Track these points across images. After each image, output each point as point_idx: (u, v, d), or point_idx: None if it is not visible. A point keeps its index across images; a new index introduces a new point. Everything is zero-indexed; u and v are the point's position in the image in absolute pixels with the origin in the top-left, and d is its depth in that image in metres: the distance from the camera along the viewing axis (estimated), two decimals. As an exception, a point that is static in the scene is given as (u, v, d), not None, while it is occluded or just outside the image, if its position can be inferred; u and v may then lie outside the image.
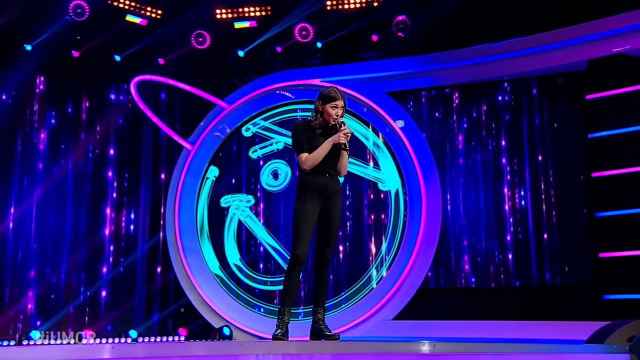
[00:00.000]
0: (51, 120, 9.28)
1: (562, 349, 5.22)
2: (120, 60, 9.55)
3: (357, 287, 8.87)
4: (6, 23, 8.78)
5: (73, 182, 9.14)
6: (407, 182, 8.86)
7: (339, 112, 4.89)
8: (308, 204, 4.82)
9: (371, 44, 9.21)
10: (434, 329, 8.32)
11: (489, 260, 8.54)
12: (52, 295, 8.80)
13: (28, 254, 8.75)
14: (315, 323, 4.83)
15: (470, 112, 8.89)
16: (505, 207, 8.55)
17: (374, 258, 8.89)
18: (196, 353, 3.86)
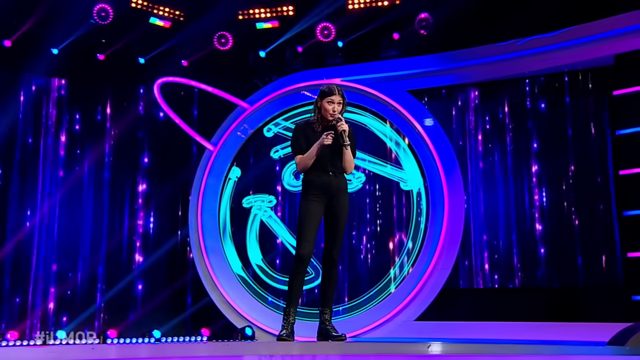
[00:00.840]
0: (76, 122, 9.38)
1: (570, 350, 5.07)
2: (144, 63, 9.63)
3: (379, 288, 8.79)
4: (33, 27, 8.94)
5: (96, 183, 9.25)
6: (429, 181, 8.76)
7: (335, 107, 4.81)
8: (312, 203, 4.79)
9: (392, 42, 9.14)
10: (457, 330, 8.20)
11: (512, 260, 8.38)
12: (76, 296, 8.91)
13: (52, 254, 8.88)
14: (321, 324, 4.79)
15: (492, 110, 8.74)
16: (529, 205, 8.38)
17: (396, 259, 8.80)
18: (199, 354, 3.84)
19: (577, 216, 8.13)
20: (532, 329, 7.84)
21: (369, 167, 9.06)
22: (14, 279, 8.65)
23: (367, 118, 9.15)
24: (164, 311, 9.16)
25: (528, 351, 5.57)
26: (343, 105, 4.87)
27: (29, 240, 8.81)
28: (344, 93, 4.90)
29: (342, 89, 4.91)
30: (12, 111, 9.10)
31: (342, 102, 4.86)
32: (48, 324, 8.67)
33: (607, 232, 7.95)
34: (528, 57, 8.42)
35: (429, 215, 8.71)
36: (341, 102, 4.85)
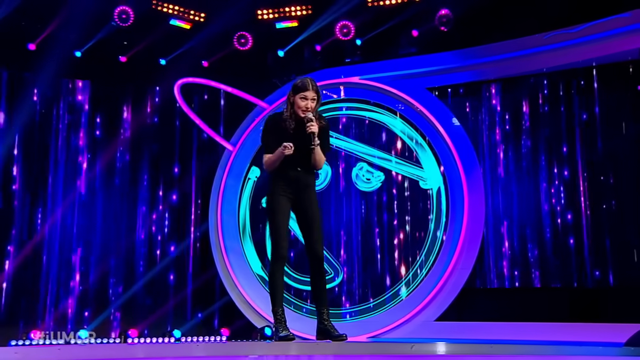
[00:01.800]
0: (99, 124, 9.49)
1: (585, 351, 4.95)
2: (165, 64, 9.70)
3: (398, 288, 8.71)
4: (55, 30, 9.07)
5: (115, 183, 9.34)
6: (449, 179, 8.65)
7: (308, 104, 4.69)
8: (280, 198, 4.71)
9: (411, 40, 9.05)
10: (478, 330, 8.09)
11: (535, 260, 8.22)
12: (98, 295, 9.01)
13: (73, 253, 9.00)
14: (320, 323, 4.72)
15: (513, 106, 8.59)
16: (551, 203, 8.22)
17: (415, 258, 8.70)
18: (197, 354, 3.84)
19: (601, 214, 7.94)
20: (554, 330, 7.69)
21: (387, 166, 8.98)
22: (37, 278, 8.78)
23: (385, 116, 9.08)
24: (184, 311, 9.21)
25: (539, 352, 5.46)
26: (317, 102, 4.74)
27: (51, 239, 8.93)
28: (318, 88, 4.78)
29: (316, 84, 4.78)
30: (35, 113, 9.25)
31: (317, 99, 4.74)
32: (71, 324, 8.78)
33: (631, 231, 7.74)
34: (550, 52, 8.25)
35: (448, 214, 8.60)
36: (315, 98, 4.73)
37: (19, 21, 8.89)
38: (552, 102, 8.37)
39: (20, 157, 9.01)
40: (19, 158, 9.00)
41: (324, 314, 4.72)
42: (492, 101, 8.70)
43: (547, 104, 8.40)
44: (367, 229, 9.02)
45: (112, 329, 8.93)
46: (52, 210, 8.98)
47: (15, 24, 8.83)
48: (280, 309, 4.70)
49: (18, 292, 8.66)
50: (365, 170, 9.07)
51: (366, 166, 9.08)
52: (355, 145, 9.16)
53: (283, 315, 4.70)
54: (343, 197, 9.15)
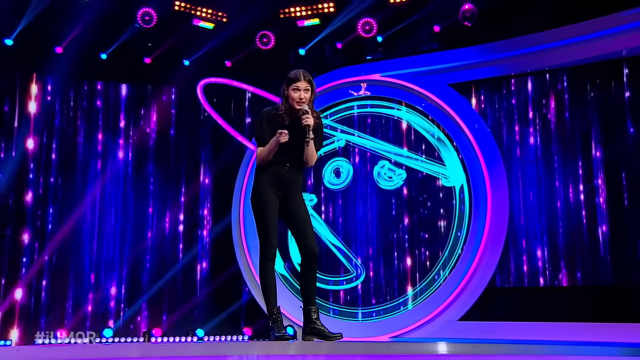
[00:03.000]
0: (127, 124, 9.60)
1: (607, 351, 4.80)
2: (189, 65, 9.77)
3: (421, 287, 8.61)
4: (80, 33, 9.20)
5: (139, 183, 9.44)
6: (472, 177, 8.52)
7: (302, 95, 4.56)
8: (268, 194, 4.57)
9: (433, 35, 8.93)
10: (502, 330, 7.95)
11: (558, 258, 8.05)
12: (123, 294, 9.12)
13: (98, 252, 9.11)
14: (312, 323, 4.61)
15: (537, 101, 8.41)
16: (576, 200, 8.02)
17: (438, 257, 8.59)
18: (193, 353, 3.84)
19: (627, 211, 7.72)
20: (579, 330, 7.51)
21: (409, 164, 8.89)
22: (62, 277, 8.92)
23: (407, 113, 8.98)
24: (207, 310, 9.25)
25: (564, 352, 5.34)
26: (311, 92, 4.62)
27: (77, 237, 9.06)
28: (312, 79, 4.65)
29: (309, 74, 4.66)
30: (64, 115, 9.40)
31: (310, 89, 4.62)
32: (95, 323, 8.90)
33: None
34: (575, 45, 8.05)
35: (471, 212, 8.47)
36: (308, 88, 4.60)
37: (46, 25, 9.04)
38: (576, 96, 8.17)
39: (48, 156, 9.15)
40: (47, 158, 9.14)
41: (314, 314, 4.63)
42: (515, 96, 8.54)
43: (574, 97, 8.20)
44: (389, 227, 8.94)
45: (137, 328, 9.01)
46: (74, 209, 9.09)
47: (42, 27, 8.96)
48: (275, 309, 4.65)
49: (44, 291, 8.80)
50: (387, 169, 8.99)
51: (388, 164, 9.00)
52: (377, 143, 9.09)
53: (279, 314, 4.66)
54: (365, 195, 9.08)
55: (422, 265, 8.70)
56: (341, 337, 4.51)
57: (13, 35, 8.90)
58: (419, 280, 8.66)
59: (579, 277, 7.93)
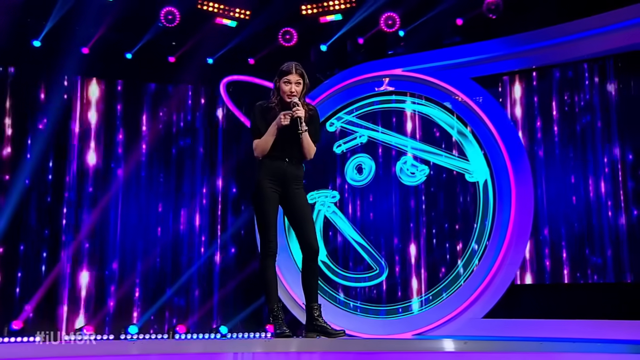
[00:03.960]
0: (148, 123, 9.69)
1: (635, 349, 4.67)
2: (212, 63, 9.80)
3: (444, 284, 8.50)
4: (106, 33, 9.31)
5: (162, 181, 9.51)
6: (496, 172, 8.37)
7: (293, 88, 4.53)
8: (267, 191, 4.58)
9: (455, 29, 8.81)
10: (527, 327, 7.81)
11: (585, 255, 7.85)
12: (147, 291, 9.20)
13: (121, 249, 9.21)
14: (314, 320, 4.61)
15: (561, 94, 8.22)
16: (602, 195, 7.82)
17: (462, 254, 8.47)
18: (190, 350, 3.85)
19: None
20: (607, 327, 7.34)
21: (432, 159, 8.78)
22: (89, 273, 9.04)
23: (430, 108, 8.87)
24: (231, 307, 9.29)
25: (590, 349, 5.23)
26: (303, 86, 4.59)
27: (101, 233, 9.18)
28: (304, 72, 4.61)
29: (301, 67, 4.61)
30: (87, 114, 9.52)
31: (302, 82, 4.58)
32: (121, 319, 9.01)
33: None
34: (601, 35, 7.84)
35: (495, 208, 8.33)
36: (300, 81, 4.57)
37: (73, 26, 9.16)
38: (602, 88, 7.96)
39: (78, 156, 9.28)
40: (78, 155, 9.27)
41: (316, 311, 4.61)
42: (539, 89, 8.36)
43: (601, 91, 7.99)
44: (412, 224, 8.84)
45: (161, 325, 9.10)
46: (97, 207, 9.21)
47: (68, 28, 9.08)
48: (276, 306, 4.63)
49: (70, 289, 8.93)
50: (409, 164, 8.89)
51: (410, 159, 8.90)
52: (399, 138, 9.00)
53: (279, 311, 4.64)
54: (387, 191, 9.00)
55: (446, 262, 8.59)
56: (344, 334, 4.48)
57: (40, 36, 9.03)
58: (442, 277, 8.55)
59: (606, 273, 7.73)
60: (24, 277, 8.80)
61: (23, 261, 8.82)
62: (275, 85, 4.66)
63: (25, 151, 9.00)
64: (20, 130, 9.03)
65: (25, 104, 9.13)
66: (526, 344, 4.96)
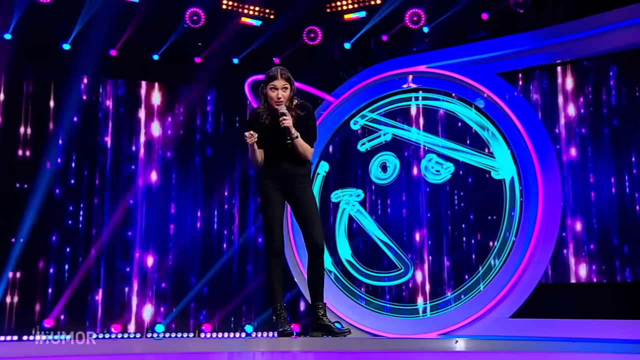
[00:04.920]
0: (178, 124, 9.77)
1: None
2: (238, 63, 9.83)
3: (470, 283, 8.37)
4: (133, 35, 9.40)
5: (188, 180, 9.58)
6: (522, 169, 8.21)
7: (279, 94, 4.50)
8: (271, 191, 4.59)
9: (481, 23, 8.66)
10: (557, 327, 7.62)
11: (617, 252, 7.64)
12: (173, 289, 9.26)
13: (148, 247, 9.29)
14: (319, 319, 4.56)
15: (589, 89, 8.01)
16: (630, 192, 7.60)
17: (488, 252, 8.32)
18: (191, 349, 3.84)
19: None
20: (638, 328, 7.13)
21: (457, 157, 8.65)
22: (113, 272, 9.14)
23: (455, 105, 8.74)
24: (257, 305, 9.29)
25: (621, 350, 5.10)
26: (290, 90, 4.54)
27: (126, 231, 9.28)
28: (290, 77, 4.56)
29: (287, 72, 4.57)
30: (116, 116, 9.65)
31: (289, 87, 4.54)
32: (148, 317, 9.09)
33: None
34: (629, 28, 7.62)
35: (522, 205, 8.16)
36: (287, 86, 4.53)
37: (101, 29, 9.27)
38: (629, 82, 7.73)
39: (104, 156, 9.40)
40: (100, 157, 9.39)
41: (321, 310, 4.57)
42: (567, 84, 8.17)
43: (624, 85, 7.77)
44: (437, 222, 8.73)
45: (187, 324, 9.16)
46: (123, 206, 9.31)
47: (96, 31, 9.19)
48: (279, 304, 4.60)
49: (96, 287, 9.05)
50: (434, 162, 8.78)
51: (435, 157, 8.78)
52: (424, 136, 8.89)
53: (282, 310, 4.60)
54: (412, 189, 8.90)
55: (471, 261, 8.46)
56: (349, 333, 4.44)
57: (69, 39, 9.17)
58: (468, 276, 8.42)
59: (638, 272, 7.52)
60: (55, 275, 8.93)
61: (54, 259, 8.95)
62: (262, 92, 4.63)
63: (55, 152, 9.12)
64: (49, 130, 9.15)
65: (53, 105, 9.25)
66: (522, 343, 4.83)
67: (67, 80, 9.30)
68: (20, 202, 8.63)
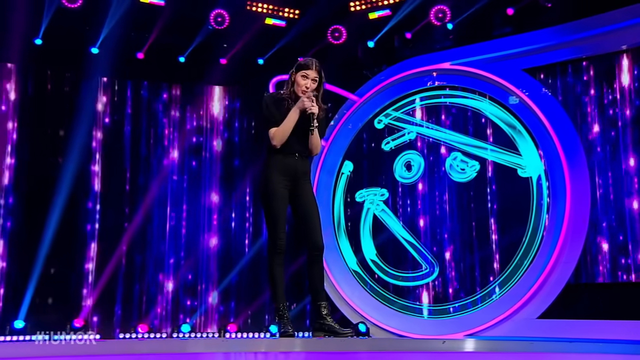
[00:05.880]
0: (213, 127, 9.84)
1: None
2: (263, 63, 9.84)
3: (497, 283, 8.21)
4: (159, 38, 9.49)
5: (212, 181, 9.63)
6: (549, 167, 8.03)
7: (309, 83, 4.49)
8: (277, 187, 4.52)
9: (506, 19, 8.50)
10: (586, 328, 7.44)
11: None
12: (198, 289, 9.32)
13: (172, 248, 9.36)
14: (322, 319, 4.49)
15: (618, 84, 7.79)
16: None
17: (514, 251, 8.16)
18: (195, 350, 3.84)
19: None
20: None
21: (483, 155, 8.50)
22: (139, 273, 9.24)
23: (480, 102, 8.60)
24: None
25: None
26: (319, 84, 4.53)
27: (151, 231, 9.36)
28: (322, 71, 4.55)
29: (320, 66, 4.55)
30: (144, 118, 9.75)
31: (319, 80, 4.53)
32: (175, 318, 9.16)
33: None
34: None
35: (549, 204, 7.98)
36: (316, 79, 4.53)
37: (127, 32, 9.38)
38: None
39: (134, 157, 9.52)
40: (128, 158, 9.50)
41: (324, 310, 4.49)
42: (594, 79, 7.96)
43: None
44: (463, 221, 8.60)
45: (212, 324, 9.20)
46: (147, 207, 9.40)
47: (124, 34, 9.30)
48: (282, 305, 4.55)
49: (124, 286, 9.16)
50: (459, 160, 8.65)
51: (460, 155, 8.65)
52: (448, 134, 8.77)
53: (285, 310, 4.55)
54: (437, 188, 8.78)
55: (498, 261, 8.31)
56: (352, 334, 4.37)
57: (97, 43, 9.29)
58: (494, 276, 8.27)
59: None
60: (85, 277, 9.07)
61: (86, 259, 9.09)
62: (291, 78, 4.61)
63: (86, 153, 9.26)
64: (78, 131, 9.28)
65: (83, 108, 9.39)
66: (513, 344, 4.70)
67: (95, 83, 9.44)
68: (44, 203, 8.75)
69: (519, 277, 8.06)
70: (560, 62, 8.13)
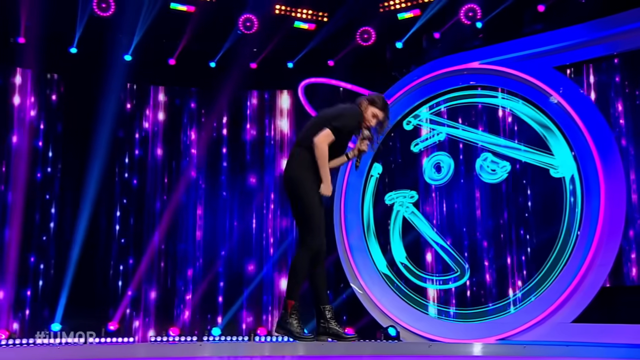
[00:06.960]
0: (240, 131, 9.89)
1: None
2: (292, 67, 9.83)
3: (530, 286, 8.01)
4: (190, 43, 9.58)
5: (238, 184, 9.67)
6: (583, 167, 7.80)
7: (372, 123, 4.54)
8: (318, 194, 4.45)
9: (536, 16, 8.31)
10: (623, 333, 7.20)
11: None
12: (226, 294, 9.36)
13: (199, 253, 9.43)
14: (326, 322, 4.41)
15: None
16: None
17: (548, 253, 7.94)
18: (205, 354, 3.83)
19: None
20: None
21: (514, 155, 8.31)
22: (168, 276, 9.32)
23: (510, 101, 8.41)
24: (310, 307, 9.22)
25: None
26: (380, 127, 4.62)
27: (179, 237, 9.44)
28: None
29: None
30: (176, 123, 9.87)
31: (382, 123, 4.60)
32: (205, 321, 9.21)
33: None
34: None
35: (583, 205, 7.75)
36: (382, 123, 4.60)
37: (160, 39, 9.50)
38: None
39: (160, 159, 9.62)
40: (162, 160, 9.61)
41: (328, 313, 4.42)
42: (627, 76, 7.71)
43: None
44: (494, 223, 8.41)
45: (242, 328, 9.22)
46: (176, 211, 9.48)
47: (155, 41, 9.42)
48: (297, 303, 4.47)
49: (155, 292, 9.25)
50: (489, 161, 8.48)
51: (491, 156, 8.48)
52: (479, 134, 8.61)
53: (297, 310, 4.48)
54: (467, 190, 8.62)
55: (531, 263, 8.11)
56: (356, 339, 4.28)
57: (130, 50, 9.42)
58: (527, 279, 8.07)
59: None
60: (116, 282, 9.21)
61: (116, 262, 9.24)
62: (365, 107, 4.59)
63: (112, 157, 9.39)
64: (107, 136, 9.42)
65: (114, 113, 9.53)
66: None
67: (130, 89, 9.60)
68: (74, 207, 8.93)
69: (552, 279, 7.85)
70: (592, 59, 7.89)
